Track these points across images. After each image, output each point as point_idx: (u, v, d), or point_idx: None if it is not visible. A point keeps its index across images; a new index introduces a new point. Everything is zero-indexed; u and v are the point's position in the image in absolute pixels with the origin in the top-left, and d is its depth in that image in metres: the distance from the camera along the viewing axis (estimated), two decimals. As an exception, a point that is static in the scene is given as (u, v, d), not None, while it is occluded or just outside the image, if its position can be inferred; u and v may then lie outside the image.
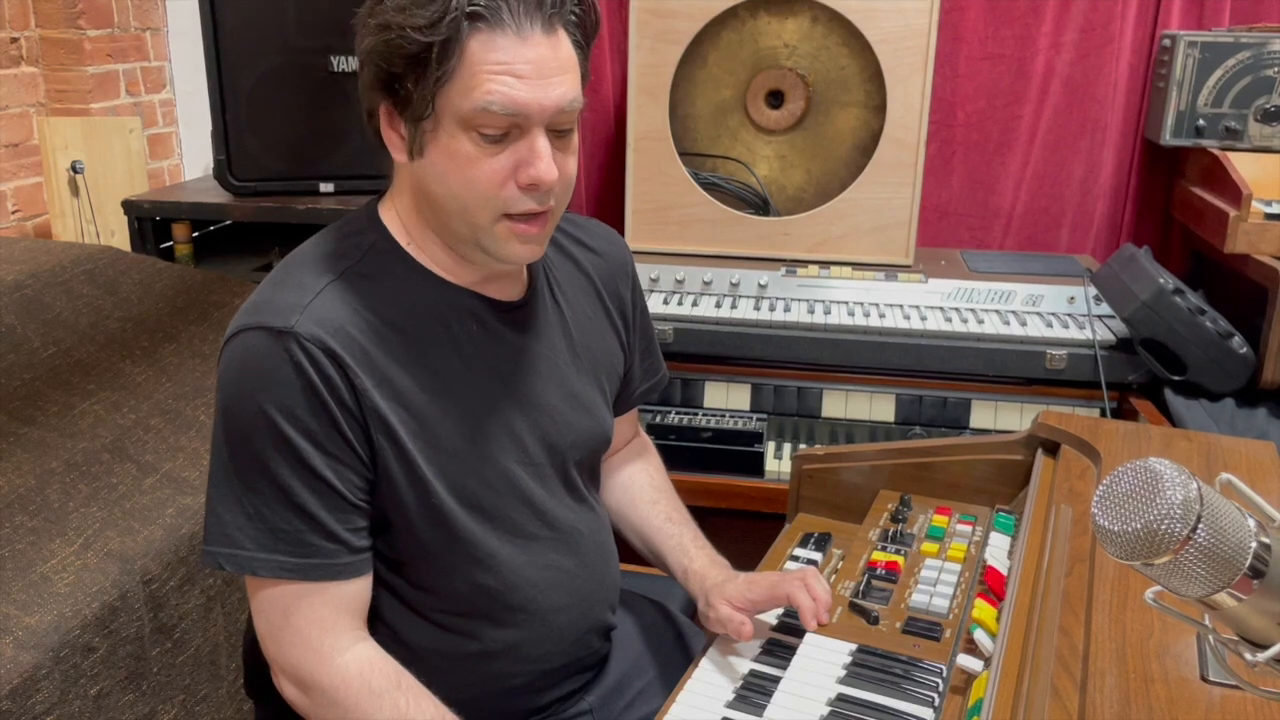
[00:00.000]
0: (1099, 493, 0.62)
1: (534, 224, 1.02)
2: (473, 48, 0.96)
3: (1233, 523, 0.59)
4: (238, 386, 1.00)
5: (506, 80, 0.96)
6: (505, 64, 0.96)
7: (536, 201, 1.01)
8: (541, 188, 1.00)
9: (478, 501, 1.09)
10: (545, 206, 1.02)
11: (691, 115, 2.43)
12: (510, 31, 0.96)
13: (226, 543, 1.01)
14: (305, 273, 1.05)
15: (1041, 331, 2.05)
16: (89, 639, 1.26)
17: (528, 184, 0.99)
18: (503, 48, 0.96)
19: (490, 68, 0.96)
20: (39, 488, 1.42)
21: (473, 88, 0.96)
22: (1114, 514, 0.60)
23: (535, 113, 0.97)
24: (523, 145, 0.99)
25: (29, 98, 2.60)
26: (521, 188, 1.00)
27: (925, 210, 2.59)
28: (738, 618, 1.17)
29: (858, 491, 1.59)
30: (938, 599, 1.25)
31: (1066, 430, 1.41)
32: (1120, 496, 0.60)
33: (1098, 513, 0.61)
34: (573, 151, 1.05)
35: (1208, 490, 0.60)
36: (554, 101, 0.98)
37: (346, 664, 1.02)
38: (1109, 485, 0.61)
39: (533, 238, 1.03)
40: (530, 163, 0.98)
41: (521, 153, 0.99)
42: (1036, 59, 2.46)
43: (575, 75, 1.01)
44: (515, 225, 1.02)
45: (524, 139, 0.99)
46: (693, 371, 2.13)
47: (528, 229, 1.02)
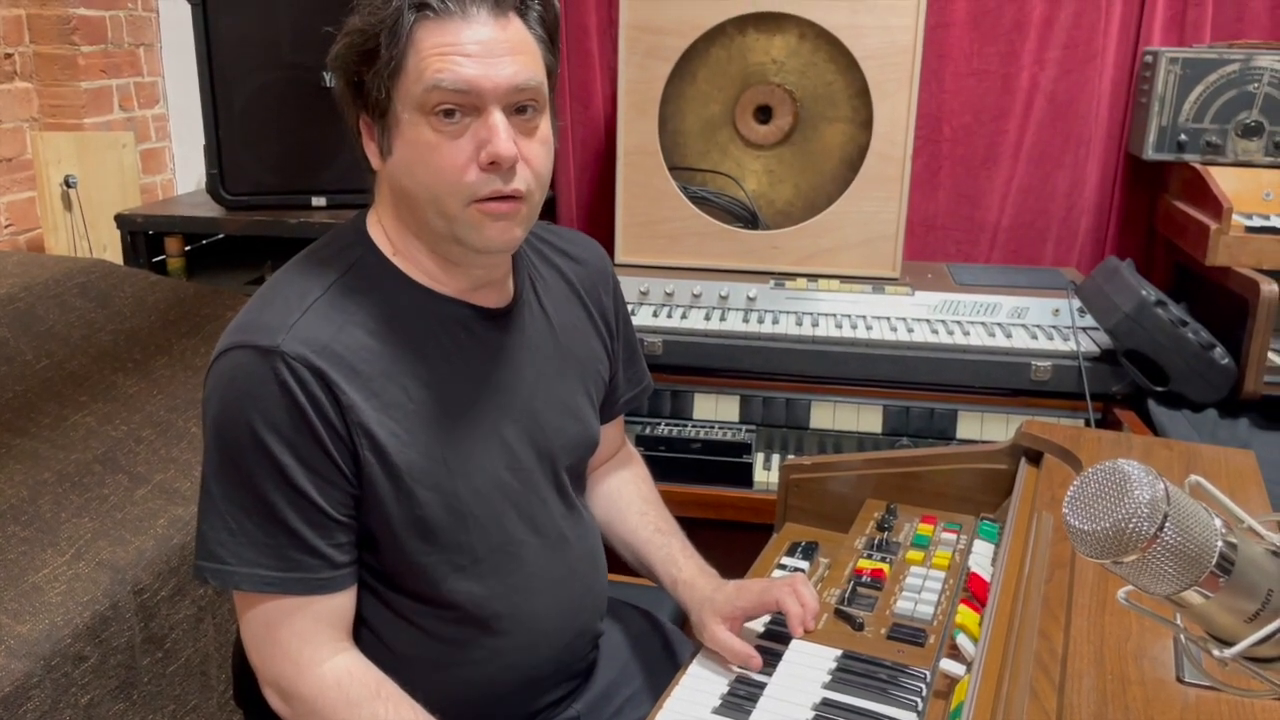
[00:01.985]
0: (1070, 493, 0.63)
1: (505, 204, 1.03)
2: (420, 35, 0.99)
3: (1199, 522, 0.61)
4: (226, 404, 1.01)
5: (455, 59, 0.98)
6: (452, 44, 0.99)
7: (502, 181, 1.01)
8: (502, 165, 1.00)
9: (468, 509, 1.10)
10: (511, 187, 1.02)
11: (681, 130, 2.46)
12: (456, 16, 0.99)
13: (211, 557, 1.02)
14: (292, 289, 1.06)
15: (1026, 343, 2.08)
16: (80, 648, 1.27)
17: (488, 162, 1.00)
18: (449, 30, 0.99)
19: (438, 49, 0.99)
20: (31, 498, 1.43)
21: (423, 71, 0.99)
22: (1084, 513, 0.62)
23: (487, 89, 0.99)
24: (480, 125, 1.00)
25: (23, 112, 2.61)
26: (483, 168, 1.01)
27: (912, 224, 2.62)
28: (742, 651, 1.17)
29: (845, 501, 1.61)
30: (922, 605, 1.26)
31: (1049, 440, 1.43)
32: (1090, 497, 0.62)
33: (1068, 512, 0.63)
34: (541, 140, 1.05)
35: (1175, 490, 0.61)
36: (506, 79, 1.00)
37: (325, 674, 1.03)
38: (1079, 486, 0.63)
39: (505, 216, 1.03)
40: (488, 139, 1.00)
41: (480, 133, 1.00)
42: (1021, 75, 2.49)
43: (531, 58, 1.03)
44: (485, 206, 1.02)
45: (480, 119, 1.00)
46: (682, 383, 2.15)
47: (499, 207, 1.03)
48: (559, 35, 1.10)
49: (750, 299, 2.24)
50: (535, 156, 1.05)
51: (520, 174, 1.03)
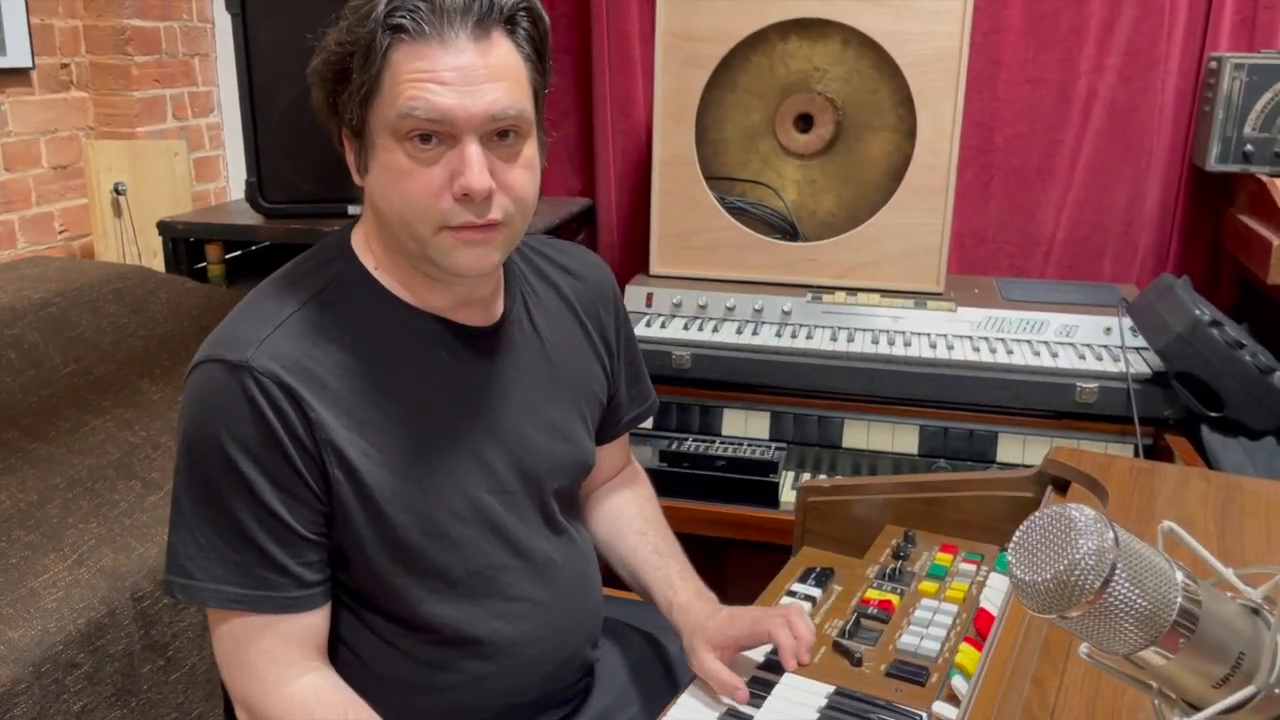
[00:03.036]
0: (1014, 540, 0.58)
1: (478, 231, 0.99)
2: (396, 59, 0.95)
3: (1155, 574, 0.55)
4: (195, 418, 1.00)
5: (429, 87, 0.94)
6: (428, 71, 0.94)
7: (474, 213, 0.98)
8: (474, 197, 0.97)
9: (444, 531, 1.07)
10: (485, 218, 0.98)
11: (721, 140, 2.41)
12: (434, 41, 0.95)
13: (180, 572, 1.01)
14: (270, 302, 1.04)
15: (1073, 363, 1.98)
16: (72, 655, 1.27)
17: (460, 194, 0.96)
18: (426, 56, 0.95)
19: (412, 75, 0.95)
20: (40, 503, 1.44)
21: (397, 97, 0.95)
22: (1027, 563, 0.56)
23: (461, 119, 0.95)
24: (454, 155, 0.96)
25: (78, 121, 2.68)
26: (456, 199, 0.97)
27: (962, 236, 2.53)
28: (728, 682, 1.12)
29: (865, 526, 1.54)
30: (928, 641, 1.19)
31: (1076, 467, 1.34)
32: (1033, 545, 0.56)
33: (1012, 561, 0.57)
34: (524, 165, 1.01)
35: (1128, 539, 0.55)
36: (482, 109, 0.95)
37: (292, 694, 1.01)
38: (1023, 533, 0.57)
39: (478, 243, 1.00)
40: (461, 171, 0.96)
41: (454, 163, 0.96)
42: (1079, 82, 2.38)
43: (513, 83, 0.98)
44: (458, 233, 0.99)
45: (456, 148, 0.97)
46: (711, 398, 2.10)
47: (472, 235, 0.99)
48: (549, 51, 1.05)
49: (785, 312, 2.18)
50: (516, 182, 1.01)
51: (497, 202, 0.99)
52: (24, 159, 2.52)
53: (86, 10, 2.65)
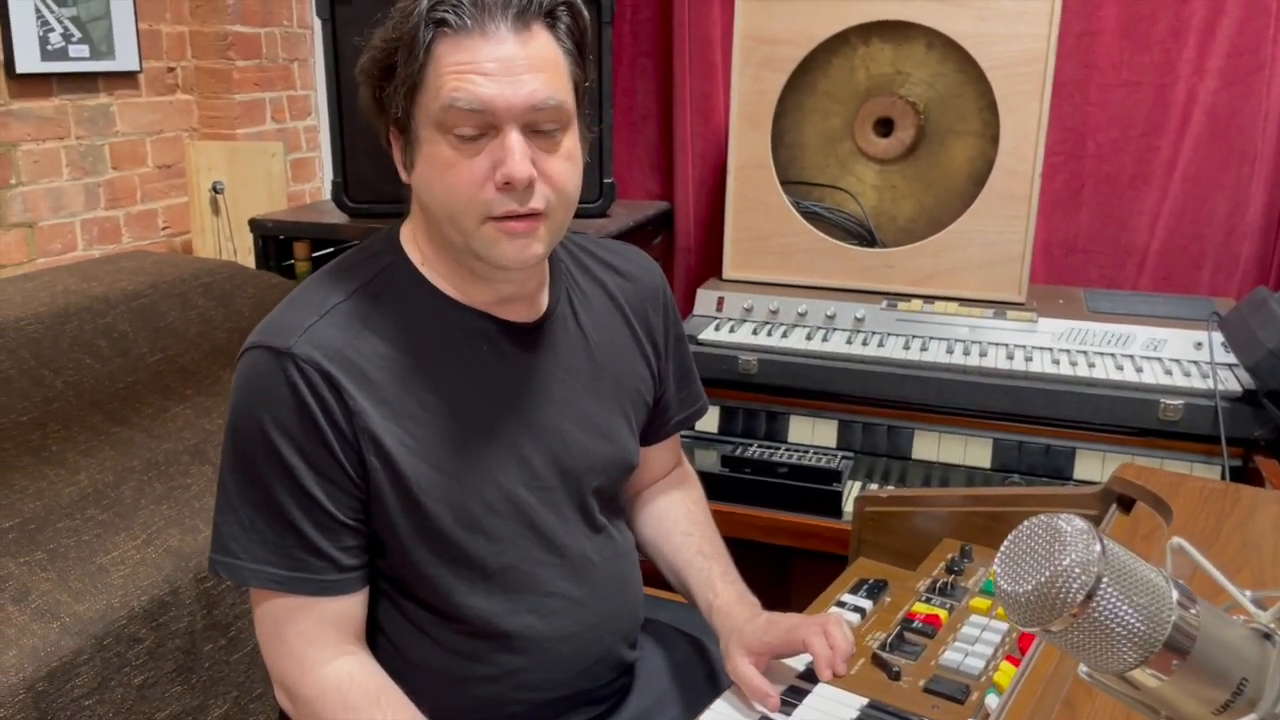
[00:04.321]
0: (1001, 550, 0.56)
1: (521, 222, 1.00)
2: (439, 51, 0.97)
3: (1147, 591, 0.52)
4: (241, 402, 1.03)
5: (472, 78, 0.96)
6: (470, 63, 0.96)
7: (516, 201, 0.99)
8: (515, 185, 0.98)
9: (478, 523, 1.09)
10: (527, 207, 1.00)
11: (799, 143, 2.39)
12: (476, 34, 0.97)
13: (224, 551, 1.04)
14: (317, 292, 1.08)
15: (1158, 379, 1.89)
16: (135, 630, 1.33)
17: (502, 182, 0.98)
18: (468, 48, 0.97)
19: (455, 67, 0.97)
20: (115, 484, 1.51)
21: (440, 88, 0.97)
22: (1012, 574, 0.54)
23: (503, 109, 0.97)
24: (496, 145, 0.98)
25: (183, 123, 2.81)
26: (498, 188, 0.99)
27: (1051, 245, 2.45)
28: (760, 688, 1.10)
29: (922, 538, 1.51)
30: (972, 659, 1.16)
31: (1142, 485, 1.29)
32: (1019, 555, 0.54)
33: (998, 572, 0.55)
34: (565, 156, 1.02)
35: (1118, 552, 0.53)
36: (523, 99, 0.97)
37: (326, 676, 1.03)
38: (1011, 542, 0.55)
39: (521, 234, 1.01)
40: (502, 160, 0.97)
41: (496, 153, 0.98)
42: (1177, 86, 2.29)
43: (554, 74, 1.00)
44: (501, 224, 1.00)
45: (497, 139, 0.98)
46: (778, 404, 2.08)
47: (515, 226, 1.00)
48: (588, 47, 1.06)
49: (858, 319, 2.14)
50: (557, 173, 1.02)
51: (539, 192, 1.01)
52: (131, 158, 2.65)
53: (192, 16, 2.77)
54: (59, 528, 1.39)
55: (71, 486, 1.47)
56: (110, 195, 2.60)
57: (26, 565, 1.32)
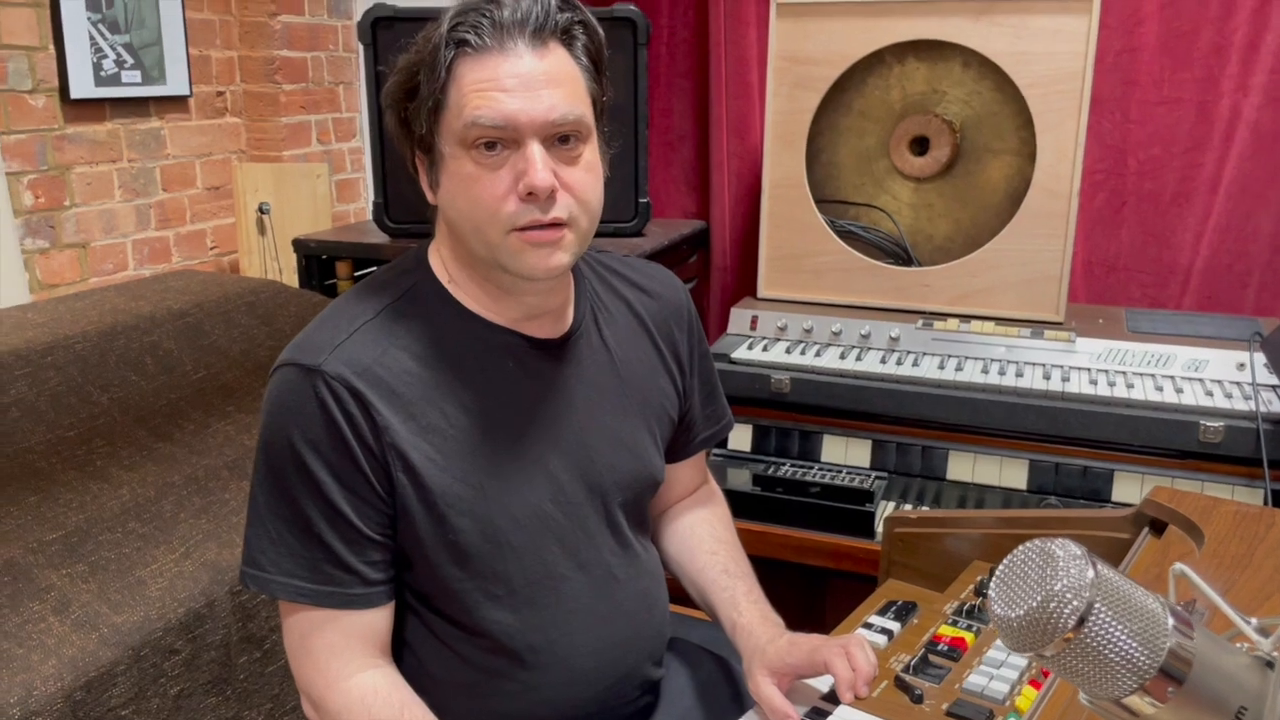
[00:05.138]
0: (996, 574, 0.56)
1: (545, 232, 1.03)
2: (460, 71, 1.00)
3: (1141, 616, 0.52)
4: (272, 418, 1.06)
5: (493, 95, 0.99)
6: (491, 80, 0.99)
7: (540, 211, 1.02)
8: (538, 195, 1.00)
9: (504, 538, 1.10)
10: (550, 216, 1.02)
11: (834, 162, 2.39)
12: (495, 52, 1.00)
13: (253, 564, 1.06)
14: (347, 310, 1.10)
15: (1199, 400, 1.86)
16: (172, 641, 1.36)
17: (525, 193, 1.00)
18: (488, 66, 1.00)
19: (477, 85, 0.99)
20: (157, 498, 1.55)
21: (463, 106, 1.00)
22: (1005, 598, 0.54)
23: (524, 123, 0.99)
24: (518, 157, 1.01)
25: (231, 145, 2.88)
26: (521, 199, 1.01)
27: (1092, 264, 2.42)
28: (780, 709, 1.10)
29: (953, 560, 1.49)
30: (997, 683, 1.14)
31: (1175, 509, 1.27)
32: (1013, 579, 0.54)
33: (992, 595, 0.55)
34: (585, 167, 1.05)
35: (1112, 577, 0.52)
36: (543, 112, 0.99)
37: (351, 689, 1.05)
38: (1005, 567, 0.55)
39: (546, 244, 1.03)
40: (524, 171, 1.00)
41: (518, 165, 1.01)
42: (1220, 103, 2.25)
43: (571, 88, 1.02)
44: (525, 235, 1.03)
45: (519, 151, 1.01)
46: (811, 423, 2.07)
47: (539, 235, 1.03)
48: (605, 63, 1.09)
49: (893, 339, 2.13)
50: (578, 183, 1.04)
51: (561, 202, 1.03)
52: (181, 180, 2.72)
53: (241, 42, 2.84)
54: (100, 540, 1.43)
55: (114, 500, 1.52)
56: (160, 216, 2.67)
57: (68, 577, 1.36)
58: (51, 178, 2.38)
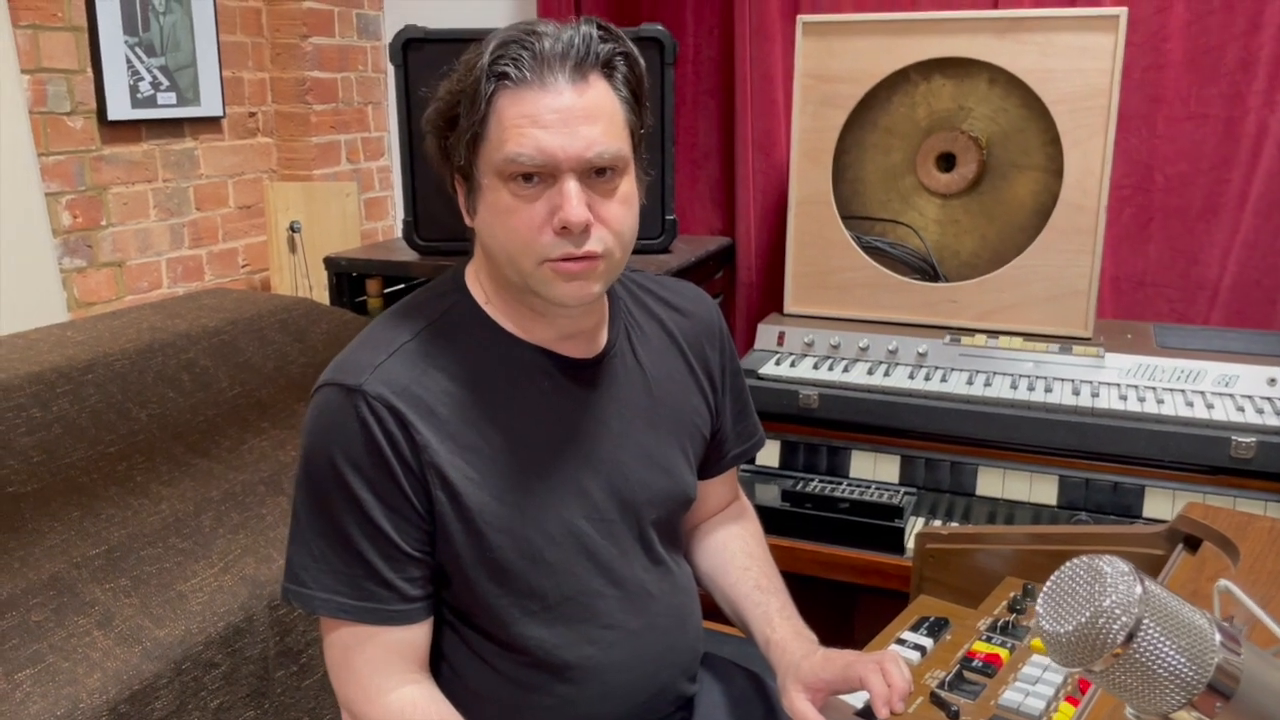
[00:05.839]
0: (1044, 590, 0.57)
1: (577, 264, 1.04)
2: (500, 104, 1.01)
3: (1189, 633, 0.53)
4: (313, 437, 1.08)
5: (531, 132, 1.00)
6: (530, 115, 1.00)
7: (573, 245, 1.03)
8: (572, 230, 1.01)
9: (540, 555, 1.11)
10: (583, 250, 1.03)
11: (860, 179, 2.40)
12: (535, 86, 1.00)
13: (295, 580, 1.08)
14: (386, 331, 1.12)
15: (1229, 415, 1.86)
16: (212, 655, 1.38)
17: (559, 227, 1.02)
18: (528, 100, 1.00)
19: (516, 120, 1.00)
20: (195, 513, 1.57)
21: (503, 141, 1.01)
22: (1054, 614, 0.55)
23: (561, 159, 1.00)
24: (554, 192, 1.02)
25: (263, 164, 2.92)
26: (556, 232, 1.02)
27: (1119, 280, 2.42)
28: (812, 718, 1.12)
29: (985, 576, 1.50)
30: (1033, 699, 1.15)
31: (1209, 525, 1.27)
32: (1061, 595, 0.55)
33: (1040, 611, 0.56)
34: (621, 200, 1.05)
35: (1160, 594, 0.53)
36: (580, 148, 1.01)
37: (390, 703, 1.07)
38: (1054, 583, 0.56)
39: (577, 275, 1.04)
40: (560, 206, 1.01)
41: (554, 199, 1.02)
42: (1247, 118, 2.25)
43: (610, 123, 1.03)
44: (557, 265, 1.04)
45: (555, 186, 1.02)
46: (839, 439, 2.08)
47: (570, 267, 1.04)
48: (645, 94, 1.10)
49: (920, 354, 2.14)
50: (613, 217, 1.05)
51: (596, 235, 1.04)
52: (213, 199, 2.76)
53: (273, 63, 2.89)
54: (142, 555, 1.46)
55: (154, 515, 1.54)
56: (194, 235, 2.71)
57: (111, 591, 1.38)
58: (89, 198, 2.43)
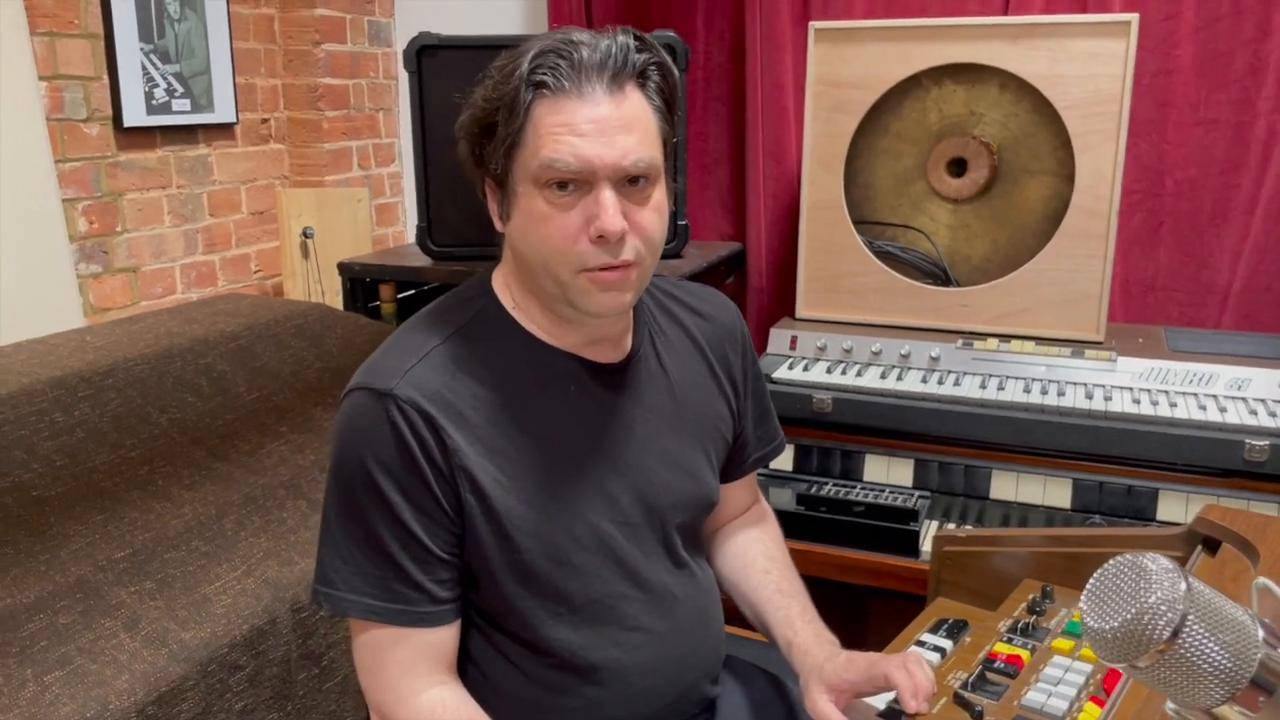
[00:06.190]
0: (1088, 587, 0.58)
1: (613, 273, 1.05)
2: (537, 112, 1.02)
3: (1232, 629, 0.54)
4: (344, 441, 1.09)
5: (568, 139, 1.01)
6: (567, 124, 1.01)
7: (609, 254, 1.04)
8: (609, 239, 1.03)
9: (566, 558, 1.12)
10: (619, 259, 1.04)
11: (872, 184, 2.41)
12: (572, 95, 1.02)
13: (326, 583, 1.09)
14: (416, 336, 1.13)
15: (1242, 419, 1.87)
16: (237, 657, 1.39)
17: (596, 236, 1.03)
18: (565, 109, 1.02)
19: (553, 129, 1.02)
20: (217, 517, 1.58)
21: (539, 148, 1.02)
22: (1098, 610, 0.56)
23: (598, 167, 1.02)
24: (590, 200, 1.03)
25: (275, 171, 2.93)
26: (592, 241, 1.03)
27: (1130, 284, 2.43)
28: None
29: (1002, 579, 1.50)
30: (1056, 699, 1.16)
31: (1228, 526, 1.28)
32: (1106, 592, 0.56)
33: (1084, 608, 0.57)
34: (654, 208, 1.07)
35: (1204, 591, 0.54)
36: (616, 158, 1.02)
37: (421, 704, 1.08)
38: (1098, 580, 0.57)
39: (613, 285, 1.06)
40: (596, 215, 1.02)
41: (590, 207, 1.03)
42: (1256, 123, 2.27)
43: (644, 133, 1.05)
44: (594, 275, 1.05)
45: (591, 194, 1.03)
46: (853, 443, 2.09)
47: (607, 277, 1.05)
48: (677, 103, 1.11)
49: (933, 358, 2.15)
50: (646, 224, 1.07)
51: (630, 243, 1.05)
52: (226, 205, 2.78)
53: (285, 70, 2.90)
54: (166, 558, 1.47)
55: (177, 519, 1.55)
56: (207, 241, 2.72)
57: (136, 594, 1.39)
58: (105, 204, 2.44)
